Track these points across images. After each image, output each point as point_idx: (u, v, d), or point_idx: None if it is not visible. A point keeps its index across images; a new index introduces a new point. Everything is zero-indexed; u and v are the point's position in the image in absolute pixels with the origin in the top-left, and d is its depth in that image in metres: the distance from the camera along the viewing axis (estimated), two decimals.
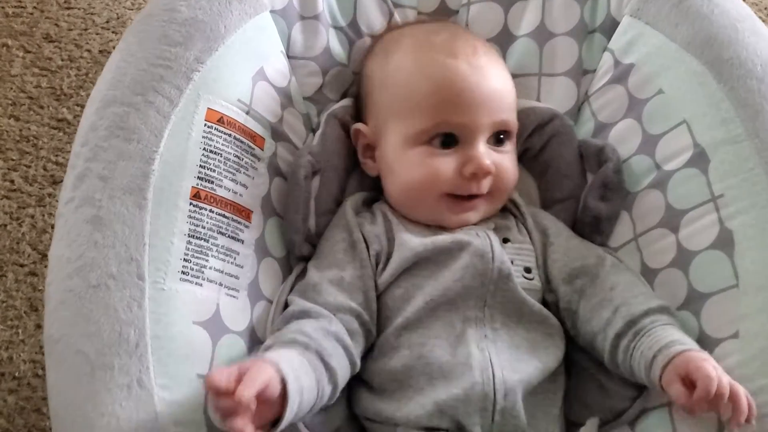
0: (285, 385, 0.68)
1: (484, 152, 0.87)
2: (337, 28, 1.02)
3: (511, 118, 0.91)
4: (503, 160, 0.90)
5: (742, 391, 0.71)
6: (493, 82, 0.90)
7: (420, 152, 0.88)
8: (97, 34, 1.44)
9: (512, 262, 0.86)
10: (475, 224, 0.90)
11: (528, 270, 0.87)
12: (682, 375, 0.72)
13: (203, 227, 0.81)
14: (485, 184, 0.88)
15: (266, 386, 0.67)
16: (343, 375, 0.79)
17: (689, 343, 0.75)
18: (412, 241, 0.86)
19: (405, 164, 0.89)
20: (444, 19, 1.06)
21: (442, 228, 0.89)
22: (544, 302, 0.87)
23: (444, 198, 0.88)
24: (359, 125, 0.95)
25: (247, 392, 0.64)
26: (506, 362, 0.80)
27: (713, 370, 0.71)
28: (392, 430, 0.80)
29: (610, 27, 0.99)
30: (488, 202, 0.90)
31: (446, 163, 0.87)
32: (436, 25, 1.01)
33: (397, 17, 1.05)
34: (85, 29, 1.44)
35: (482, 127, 0.88)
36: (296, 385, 0.70)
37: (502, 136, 0.90)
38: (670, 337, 0.76)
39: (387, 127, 0.92)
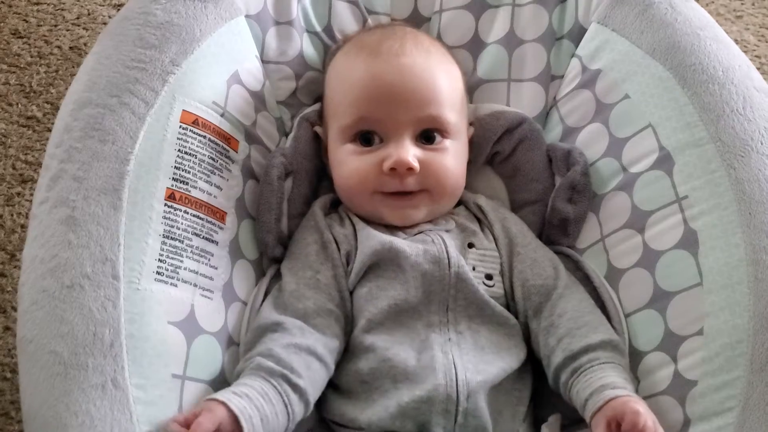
0: (238, 420, 0.70)
1: (407, 148, 0.88)
2: (312, 32, 1.03)
3: (442, 114, 0.90)
4: (435, 158, 0.90)
5: None
6: (416, 80, 0.90)
7: (346, 150, 0.91)
8: (67, 30, 1.41)
9: (474, 269, 0.87)
10: (430, 223, 0.91)
11: (489, 277, 0.88)
12: (609, 417, 0.73)
13: (178, 228, 0.81)
14: (410, 181, 0.89)
15: (216, 428, 0.69)
16: (317, 387, 0.80)
17: (621, 387, 0.76)
18: (372, 239, 0.87)
19: (336, 163, 0.92)
20: (403, 23, 1.06)
21: (398, 229, 0.90)
22: (508, 308, 0.88)
23: (377, 195, 0.90)
24: (317, 127, 0.98)
25: None
26: (470, 364, 0.81)
27: (641, 406, 0.72)
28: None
29: (578, 34, 1.01)
30: (430, 200, 0.90)
31: (368, 161, 0.89)
32: (381, 27, 1.03)
33: (371, 23, 1.07)
34: (55, 25, 1.41)
35: (403, 123, 0.89)
36: (253, 415, 0.72)
37: (434, 134, 0.91)
38: (604, 380, 0.76)
39: (328, 127, 0.95)
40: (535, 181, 0.97)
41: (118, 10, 1.40)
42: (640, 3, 0.94)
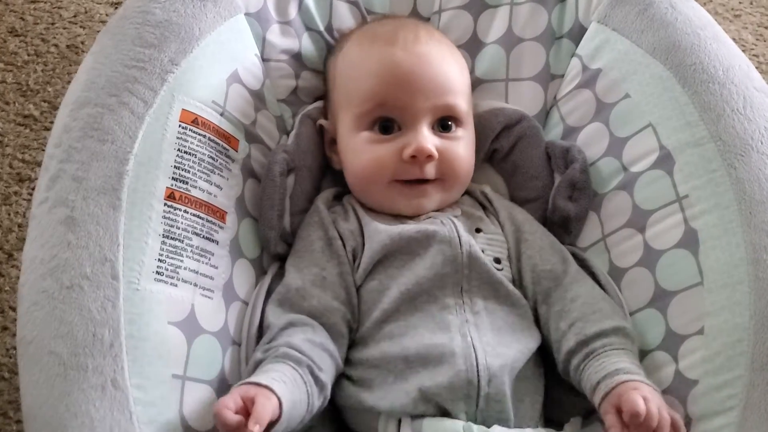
0: (281, 408, 0.71)
1: (426, 136, 0.89)
2: (313, 31, 1.03)
3: (457, 103, 0.91)
4: (451, 146, 0.91)
5: (668, 423, 0.72)
6: (434, 68, 0.91)
7: (363, 138, 0.91)
8: (64, 28, 1.40)
9: (483, 251, 0.87)
10: (438, 211, 0.91)
11: (497, 260, 0.88)
12: (616, 404, 0.73)
13: (178, 228, 0.81)
14: (429, 169, 0.89)
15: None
16: (331, 382, 0.80)
17: (633, 372, 0.76)
18: (379, 234, 0.87)
19: (351, 152, 0.92)
20: (403, 16, 1.07)
21: (406, 218, 0.90)
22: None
23: (393, 184, 0.90)
24: (322, 121, 0.98)
25: (257, 429, 0.67)
26: (489, 346, 0.80)
27: (640, 399, 0.71)
28: (375, 417, 0.80)
29: (578, 33, 1.01)
30: (442, 189, 0.91)
31: (387, 149, 0.89)
32: (389, 19, 1.03)
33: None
34: (52, 23, 1.41)
35: (422, 111, 0.89)
36: (289, 405, 0.72)
37: (449, 122, 0.91)
38: (616, 365, 0.76)
39: (339, 117, 0.94)
40: (535, 178, 0.97)
41: (116, 8, 1.40)
42: (640, 2, 0.94)
